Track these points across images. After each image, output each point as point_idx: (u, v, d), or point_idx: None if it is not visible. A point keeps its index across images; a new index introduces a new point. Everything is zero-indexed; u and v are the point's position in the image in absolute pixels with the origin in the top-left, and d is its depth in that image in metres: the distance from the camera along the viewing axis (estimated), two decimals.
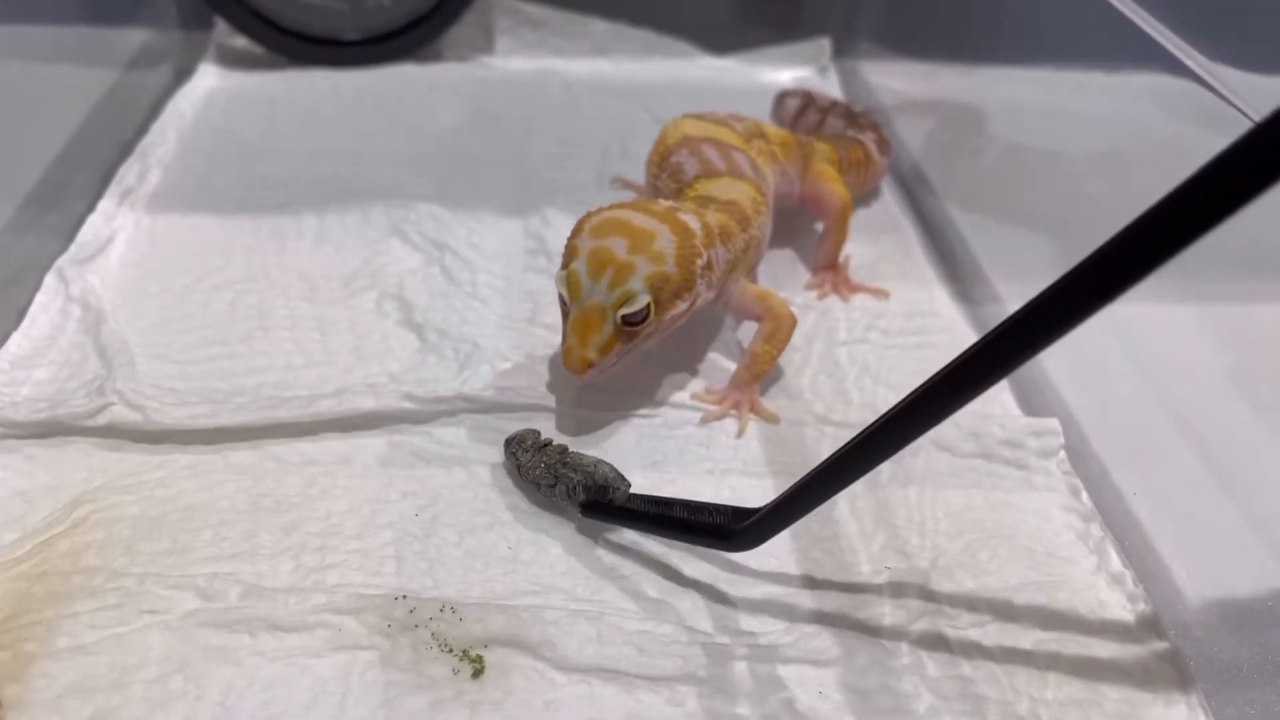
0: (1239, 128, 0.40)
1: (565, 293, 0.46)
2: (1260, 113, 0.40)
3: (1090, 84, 0.53)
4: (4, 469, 0.44)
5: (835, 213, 0.60)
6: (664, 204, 0.49)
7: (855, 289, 0.59)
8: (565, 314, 0.46)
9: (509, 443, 0.45)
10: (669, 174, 0.56)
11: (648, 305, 0.45)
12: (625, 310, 0.44)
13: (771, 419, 0.49)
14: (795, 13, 0.82)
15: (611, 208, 0.48)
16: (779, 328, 0.50)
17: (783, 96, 0.74)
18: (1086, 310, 0.27)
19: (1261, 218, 0.40)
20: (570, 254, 0.47)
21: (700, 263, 0.47)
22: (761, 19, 0.84)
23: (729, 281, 0.51)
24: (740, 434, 0.49)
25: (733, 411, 0.50)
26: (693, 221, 0.48)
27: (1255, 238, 0.41)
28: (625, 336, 0.45)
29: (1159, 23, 0.46)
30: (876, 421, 0.34)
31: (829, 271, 0.60)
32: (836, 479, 0.36)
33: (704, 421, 0.49)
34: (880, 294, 0.59)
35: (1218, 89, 0.42)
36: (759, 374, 0.50)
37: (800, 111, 0.72)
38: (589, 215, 0.48)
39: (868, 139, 0.67)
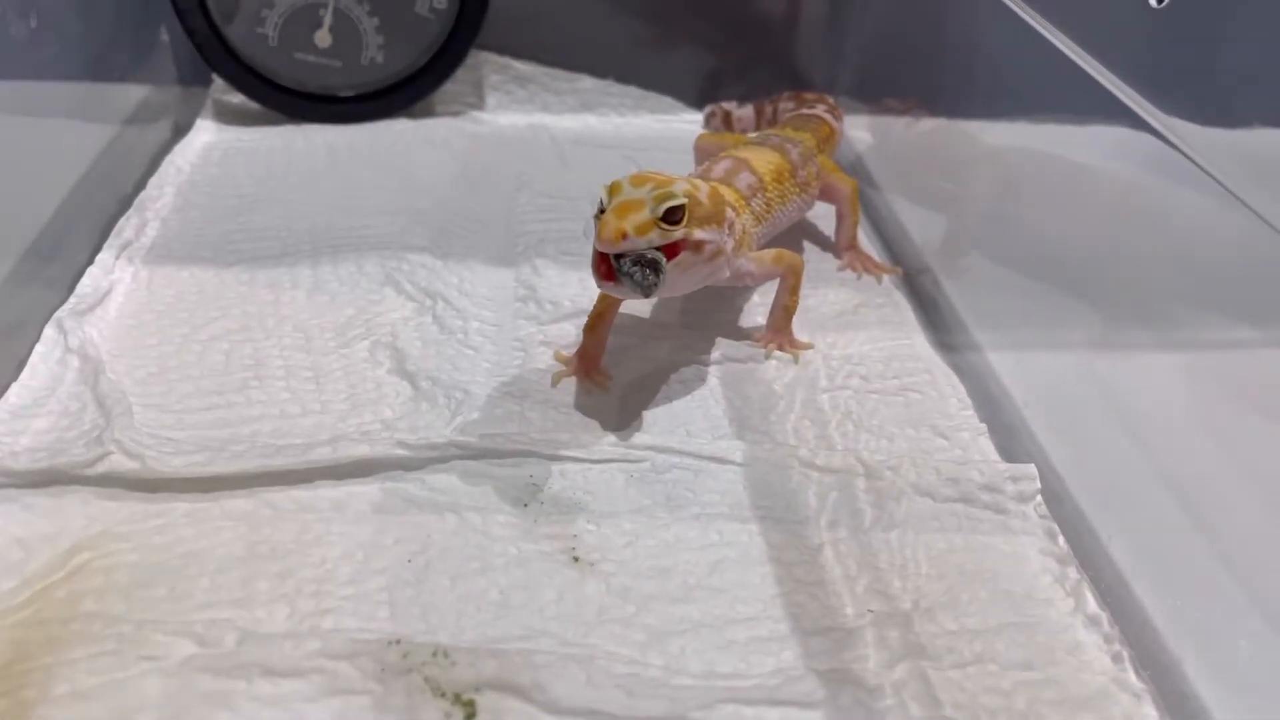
0: (1193, 178, 0.42)
1: (605, 197, 0.48)
2: (1213, 163, 0.42)
3: (1058, 137, 0.55)
4: (3, 517, 0.45)
5: (848, 198, 0.68)
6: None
7: (878, 267, 0.68)
8: (599, 218, 0.47)
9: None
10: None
11: (684, 207, 0.47)
12: (666, 205, 0.47)
13: (805, 347, 0.59)
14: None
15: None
16: (796, 276, 0.58)
17: (709, 116, 0.83)
18: None
19: (1236, 266, 0.42)
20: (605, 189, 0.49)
21: (729, 211, 0.52)
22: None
23: (738, 258, 0.54)
24: (796, 359, 0.58)
25: (777, 350, 0.58)
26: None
27: (1230, 287, 0.43)
28: (660, 232, 0.47)
29: (1120, 80, 0.48)
30: None
31: (851, 251, 0.69)
32: None
33: (767, 355, 0.58)
34: (894, 271, 0.68)
35: (1174, 142, 0.44)
36: (791, 316, 0.59)
37: (726, 120, 0.82)
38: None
39: (821, 110, 0.73)
